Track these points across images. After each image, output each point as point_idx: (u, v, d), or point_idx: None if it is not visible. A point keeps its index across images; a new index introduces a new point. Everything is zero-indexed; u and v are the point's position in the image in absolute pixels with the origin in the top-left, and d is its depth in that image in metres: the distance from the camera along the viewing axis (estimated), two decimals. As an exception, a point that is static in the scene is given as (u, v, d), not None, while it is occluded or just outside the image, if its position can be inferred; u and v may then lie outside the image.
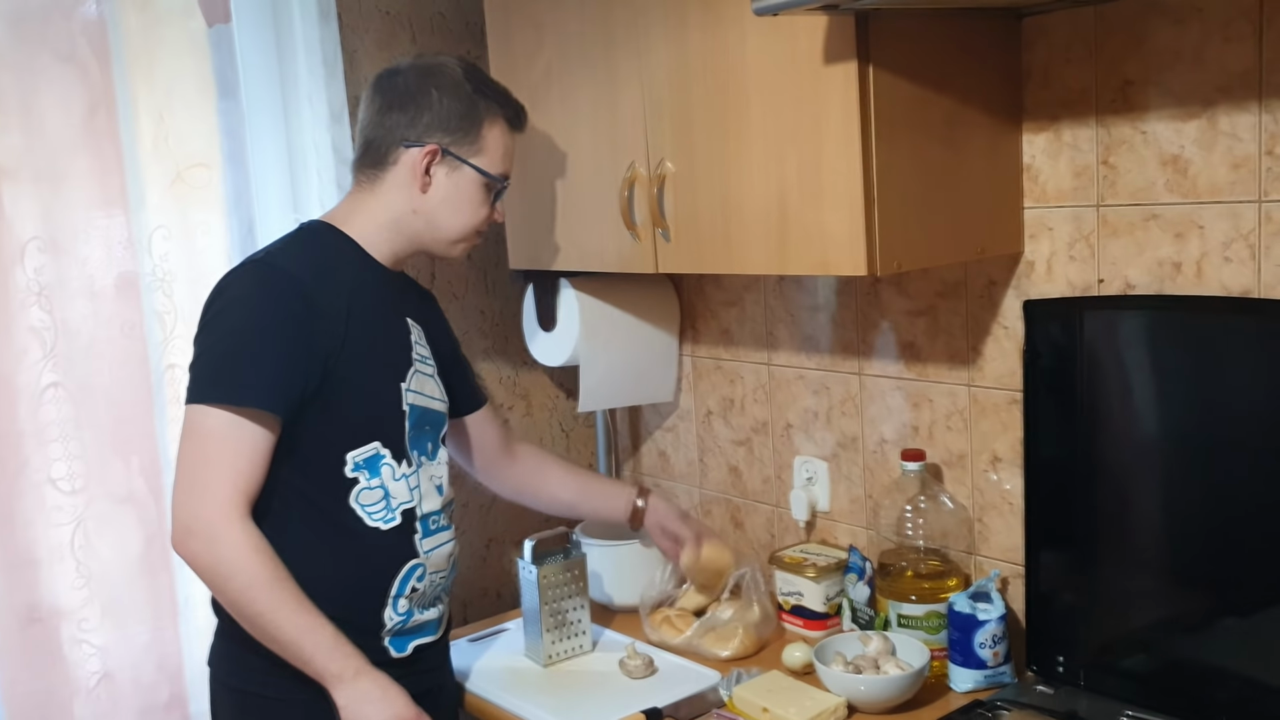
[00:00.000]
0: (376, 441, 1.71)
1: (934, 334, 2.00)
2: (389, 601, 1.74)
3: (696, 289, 2.43)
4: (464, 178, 1.78)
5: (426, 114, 1.76)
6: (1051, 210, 1.81)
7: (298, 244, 1.76)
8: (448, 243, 1.82)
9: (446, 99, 1.76)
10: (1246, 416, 1.59)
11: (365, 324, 1.72)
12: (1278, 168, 1.56)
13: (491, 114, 1.79)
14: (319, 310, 1.65)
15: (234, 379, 1.61)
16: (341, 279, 1.72)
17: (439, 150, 1.76)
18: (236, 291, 1.66)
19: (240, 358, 1.62)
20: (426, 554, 1.78)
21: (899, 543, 1.96)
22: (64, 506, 1.98)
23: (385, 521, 1.72)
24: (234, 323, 1.64)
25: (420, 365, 1.82)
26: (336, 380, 1.66)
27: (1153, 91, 1.67)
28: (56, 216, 1.95)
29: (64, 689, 2.00)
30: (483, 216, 1.82)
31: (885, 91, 1.61)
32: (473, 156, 1.78)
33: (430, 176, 1.77)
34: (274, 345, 1.62)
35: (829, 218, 1.66)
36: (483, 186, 1.80)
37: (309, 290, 1.66)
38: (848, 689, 1.78)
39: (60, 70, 1.94)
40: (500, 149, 1.80)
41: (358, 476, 1.70)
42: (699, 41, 1.81)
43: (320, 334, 1.65)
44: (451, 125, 1.76)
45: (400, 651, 1.76)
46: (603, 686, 1.97)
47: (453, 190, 1.78)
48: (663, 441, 2.58)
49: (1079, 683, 1.78)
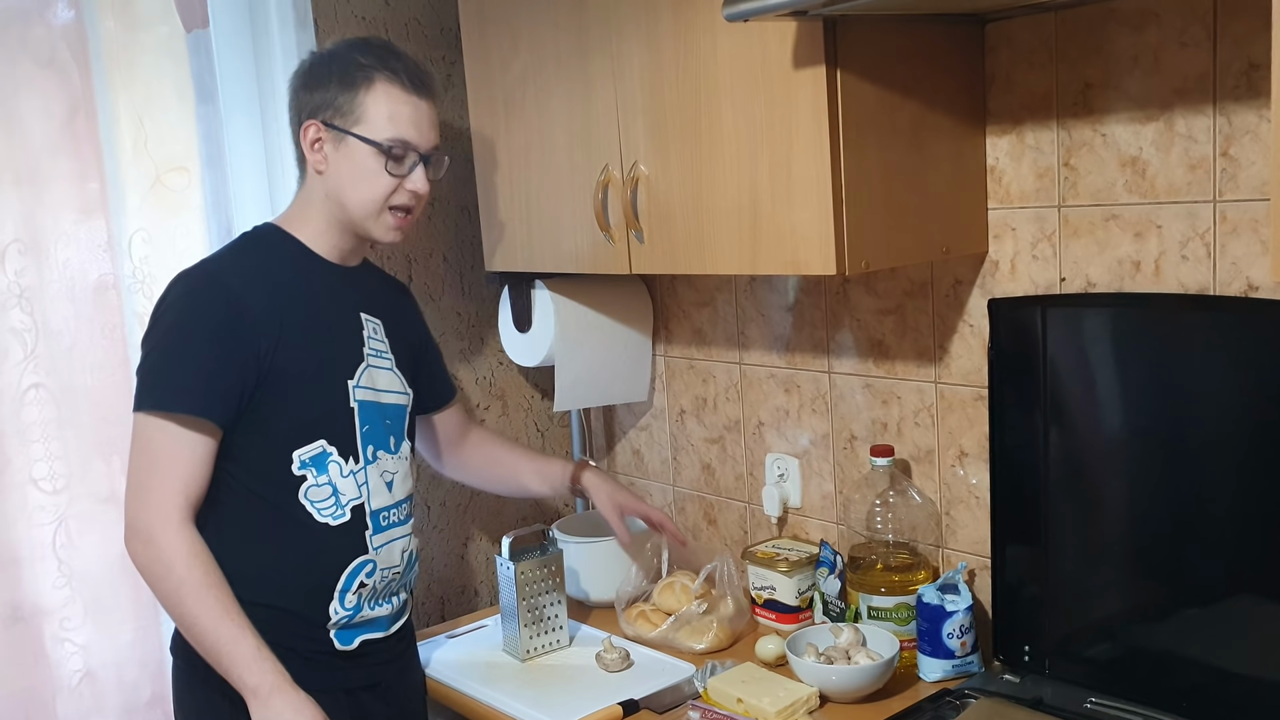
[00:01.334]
0: (322, 439, 1.73)
1: (902, 332, 2.04)
2: (335, 595, 1.75)
3: (669, 290, 2.47)
4: (351, 149, 1.73)
5: (309, 94, 1.75)
6: (1015, 211, 1.86)
7: (236, 250, 1.78)
8: (362, 220, 1.77)
9: (324, 73, 1.74)
10: (1203, 410, 1.63)
11: (305, 324, 1.72)
12: (1232, 169, 1.61)
13: (369, 77, 1.73)
14: (250, 314, 1.66)
15: (166, 386, 1.64)
16: (279, 281, 1.72)
17: (320, 125, 1.73)
18: (169, 300, 1.69)
19: (170, 365, 1.65)
20: (377, 550, 1.78)
21: (869, 537, 2.00)
22: (46, 506, 1.99)
23: (334, 518, 1.74)
24: (165, 330, 1.67)
25: (374, 360, 1.82)
26: (274, 381, 1.68)
27: (1112, 95, 1.71)
28: (37, 219, 1.96)
29: (46, 688, 2.01)
30: (383, 187, 1.74)
31: (853, 95, 1.65)
32: (353, 125, 1.72)
33: (323, 156, 1.74)
34: (202, 351, 1.65)
35: (799, 219, 1.70)
36: (373, 155, 1.73)
37: (238, 295, 1.67)
38: (820, 679, 1.81)
39: (40, 75, 1.95)
40: (384, 113, 1.73)
41: (305, 474, 1.71)
42: (671, 46, 1.84)
43: (252, 338, 1.66)
44: (329, 98, 1.73)
45: (345, 644, 1.77)
46: (580, 680, 2.00)
47: (344, 164, 1.74)
48: (637, 440, 2.61)
49: (1044, 671, 1.82)
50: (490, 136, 2.25)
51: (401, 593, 1.87)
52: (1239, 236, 1.61)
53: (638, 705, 1.87)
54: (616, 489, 2.16)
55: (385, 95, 1.73)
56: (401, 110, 1.74)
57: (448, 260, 2.45)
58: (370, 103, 1.72)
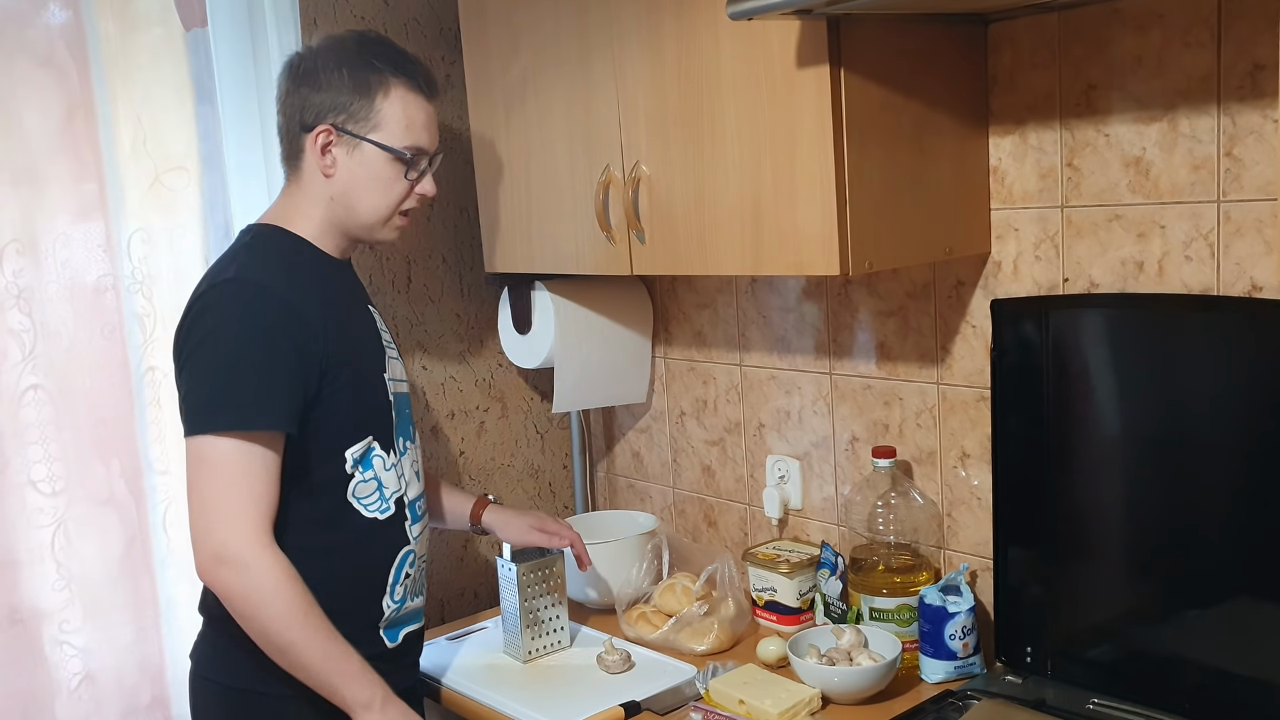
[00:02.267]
0: (370, 435, 1.72)
1: (904, 333, 2.04)
2: (387, 590, 1.76)
3: (669, 291, 2.46)
4: (366, 155, 1.70)
5: (317, 94, 1.69)
6: (1018, 211, 1.86)
7: (259, 254, 1.71)
8: (369, 227, 1.75)
9: (336, 75, 1.68)
10: (1207, 411, 1.63)
11: (341, 322, 1.71)
12: (1236, 169, 1.61)
13: (385, 83, 1.69)
14: (301, 317, 1.63)
15: (239, 404, 1.58)
16: (310, 281, 1.70)
17: (332, 130, 1.69)
18: (219, 315, 1.61)
19: (241, 382, 1.59)
20: (415, 539, 1.80)
21: (870, 538, 1.99)
22: (44, 508, 1.97)
23: (381, 512, 1.74)
24: (226, 347, 1.60)
25: (389, 351, 1.82)
26: (330, 382, 1.66)
27: (1115, 95, 1.71)
28: (35, 219, 1.95)
29: (45, 690, 2.00)
30: (398, 194, 1.73)
31: (857, 95, 1.65)
32: (370, 131, 1.69)
33: (332, 159, 1.70)
34: (270, 363, 1.60)
35: (802, 219, 1.70)
36: (390, 162, 1.71)
37: (288, 299, 1.64)
38: (822, 680, 1.81)
39: (38, 74, 1.95)
40: (401, 119, 1.70)
41: (354, 472, 1.71)
42: (674, 45, 1.84)
43: (309, 340, 1.63)
44: (342, 101, 1.68)
45: (393, 641, 1.79)
46: (581, 681, 2.00)
47: (357, 170, 1.70)
48: (636, 442, 2.61)
49: (1046, 672, 1.82)
50: (490, 137, 2.25)
51: (424, 580, 1.89)
52: (1243, 237, 1.61)
53: (639, 707, 1.87)
54: (520, 517, 2.10)
55: (402, 101, 1.70)
56: (418, 116, 1.72)
57: (447, 261, 2.45)
58: (388, 109, 1.69)
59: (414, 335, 2.41)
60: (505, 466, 2.59)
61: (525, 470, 2.62)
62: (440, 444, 2.46)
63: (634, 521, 2.42)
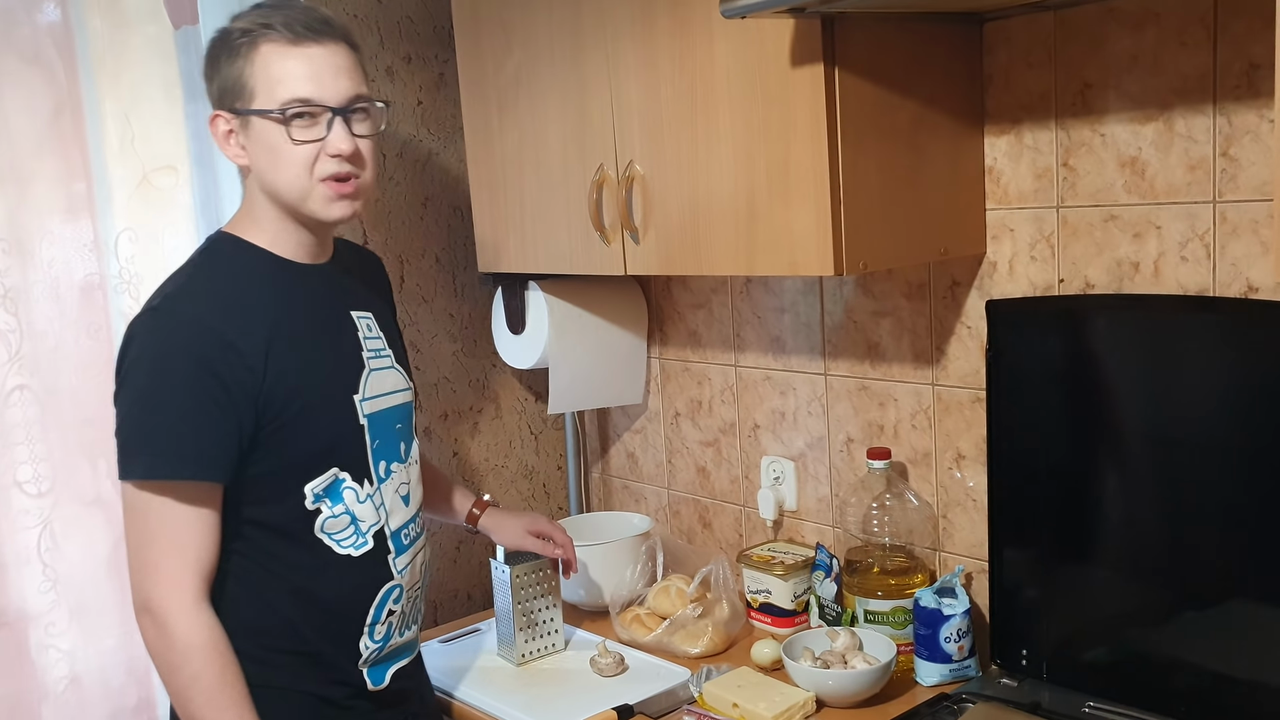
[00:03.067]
0: (334, 467, 1.58)
1: (899, 334, 2.03)
2: (365, 630, 1.63)
3: (664, 292, 2.45)
4: (255, 130, 1.53)
5: (210, 84, 1.57)
6: (1013, 211, 1.84)
7: (201, 274, 1.57)
8: (298, 203, 1.56)
9: (215, 56, 1.56)
10: (1203, 412, 1.63)
11: (294, 344, 1.56)
12: (1232, 169, 1.60)
13: (254, 46, 1.51)
14: (233, 347, 1.49)
15: (156, 452, 1.47)
16: (254, 301, 1.55)
17: (220, 115, 1.56)
18: (139, 348, 1.50)
19: (155, 427, 1.47)
20: (401, 572, 1.67)
21: (865, 540, 1.98)
22: (30, 509, 1.96)
23: (356, 548, 1.61)
24: (144, 387, 1.48)
25: (375, 361, 1.67)
26: (274, 417, 1.52)
27: (1111, 95, 1.70)
28: (21, 219, 1.93)
29: (32, 693, 1.98)
30: (301, 158, 1.53)
31: (851, 94, 1.64)
32: (250, 103, 1.52)
33: (238, 146, 1.56)
34: (192, 405, 1.47)
35: (796, 219, 1.68)
36: (274, 127, 1.52)
37: (218, 328, 1.50)
38: (816, 684, 1.80)
39: (25, 72, 1.93)
40: (268, 76, 1.51)
41: (319, 507, 1.57)
42: (667, 44, 1.82)
43: (241, 373, 1.49)
44: (224, 82, 1.54)
45: (378, 683, 1.67)
46: (575, 684, 1.99)
47: (257, 149, 1.54)
48: (631, 443, 2.59)
49: (1042, 675, 1.81)
50: (483, 135, 2.23)
51: (420, 606, 1.77)
52: (1239, 237, 1.60)
53: (633, 710, 1.85)
54: (516, 519, 2.04)
55: (265, 59, 1.51)
56: (288, 67, 1.51)
57: (440, 261, 2.43)
58: (256, 73, 1.51)
59: (407, 335, 2.39)
60: (499, 468, 2.57)
61: (519, 471, 2.61)
62: (434, 445, 2.44)
63: (628, 523, 2.41)
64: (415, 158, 2.38)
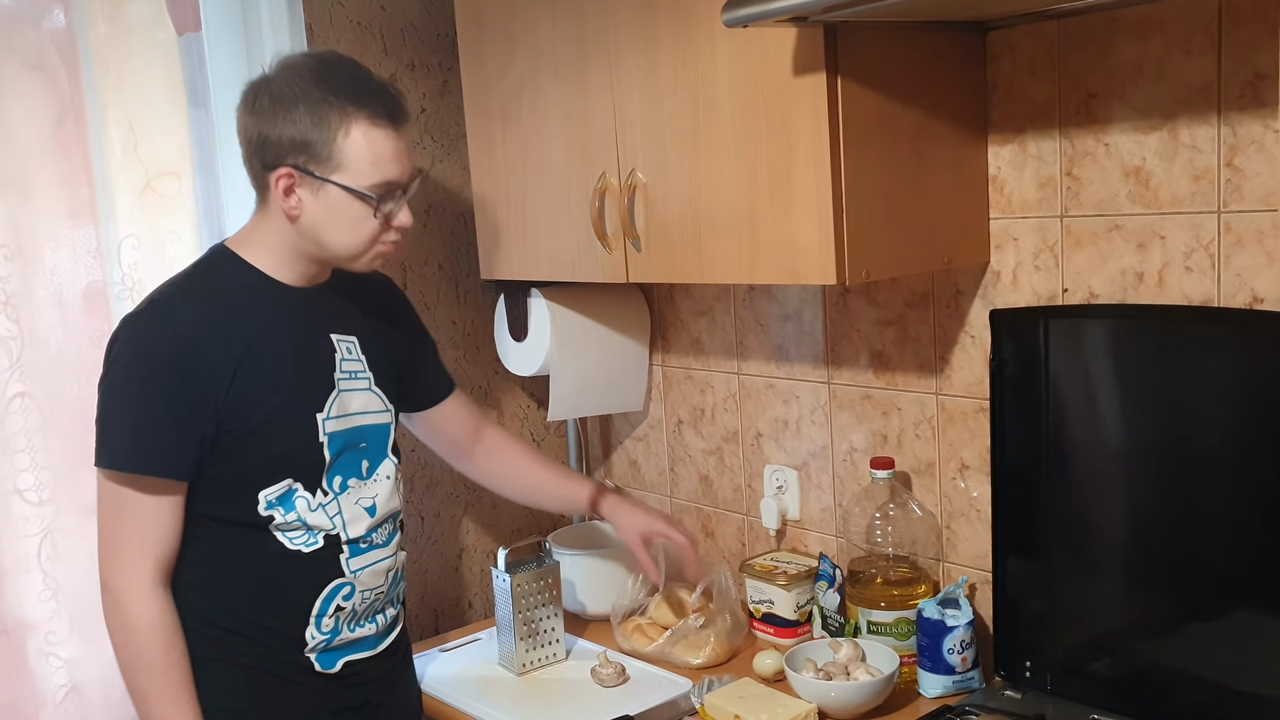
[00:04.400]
0: (288, 478, 1.66)
1: (902, 343, 2.02)
2: (311, 620, 1.70)
3: (667, 299, 2.44)
4: (331, 197, 1.60)
5: (275, 130, 1.58)
6: (1017, 221, 1.84)
7: (187, 284, 1.67)
8: (344, 260, 1.67)
9: (292, 110, 1.57)
10: (1208, 424, 1.62)
11: (264, 361, 1.63)
12: (1237, 179, 1.59)
13: (347, 118, 1.57)
14: (201, 357, 1.58)
15: (120, 445, 1.58)
16: (236, 318, 1.63)
17: (294, 172, 1.59)
18: (120, 347, 1.60)
19: (122, 423, 1.59)
20: (355, 573, 1.73)
21: (868, 550, 1.97)
22: (31, 517, 1.95)
23: (306, 545, 1.69)
24: (116, 383, 1.60)
25: (348, 383, 1.73)
26: (234, 426, 1.61)
27: (1115, 104, 1.69)
28: (23, 225, 1.93)
29: (31, 702, 1.98)
30: (371, 230, 1.63)
31: (854, 103, 1.63)
32: (333, 173, 1.58)
33: (297, 200, 1.61)
34: (153, 406, 1.58)
35: (799, 228, 1.68)
36: (357, 202, 1.60)
37: (188, 340, 1.58)
38: (818, 695, 1.79)
39: (28, 78, 1.93)
40: (366, 157, 1.58)
41: (272, 514, 1.66)
42: (670, 53, 1.82)
43: (206, 384, 1.58)
44: (301, 141, 1.57)
45: (328, 667, 1.73)
46: (576, 695, 1.98)
47: (323, 211, 1.61)
48: (633, 451, 2.59)
49: (1046, 687, 1.80)
50: (486, 144, 2.23)
51: (389, 609, 1.82)
52: (1244, 248, 1.60)
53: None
54: (638, 515, 2.04)
55: (366, 138, 1.58)
56: (384, 150, 1.60)
57: (443, 268, 2.43)
58: (350, 148, 1.58)
59: (408, 343, 2.39)
60: (500, 475, 2.56)
61: (520, 479, 2.60)
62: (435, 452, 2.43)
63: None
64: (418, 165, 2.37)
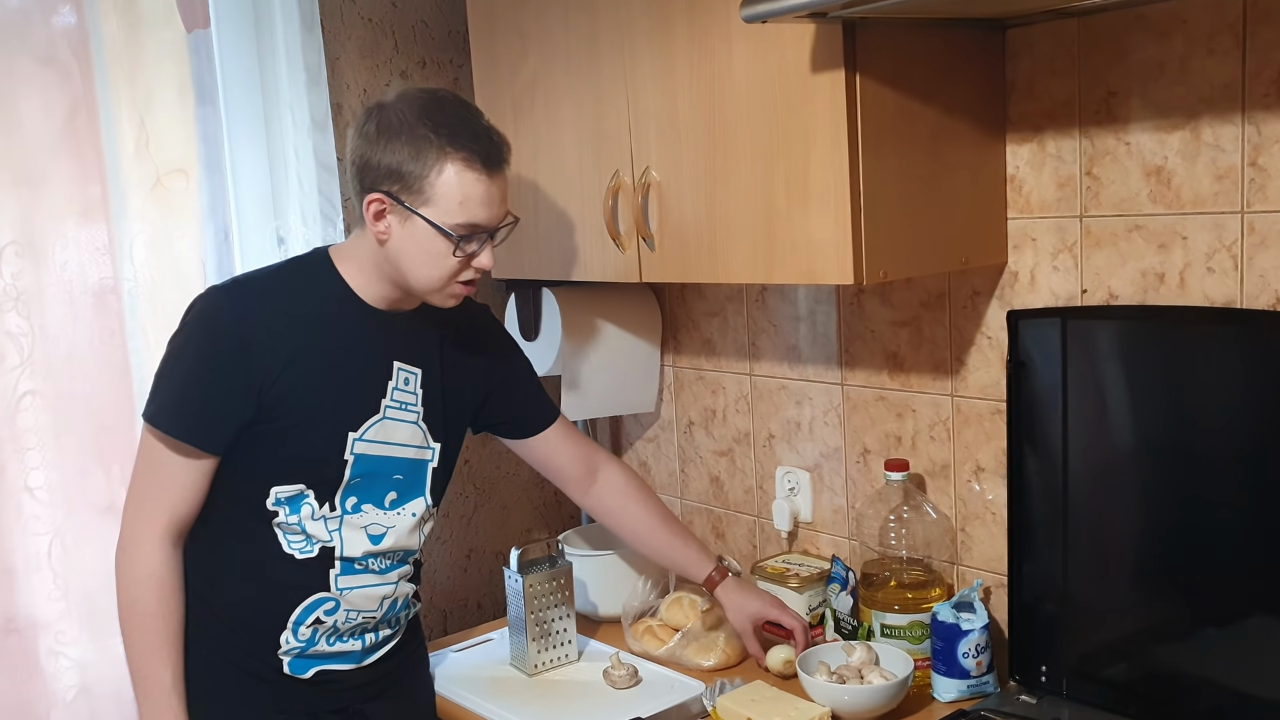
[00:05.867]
0: (302, 483, 1.70)
1: (917, 344, 2.00)
2: (288, 626, 1.73)
3: (679, 299, 2.43)
4: (417, 229, 1.63)
5: (376, 156, 1.62)
6: (1035, 221, 1.82)
7: (275, 274, 1.75)
8: (422, 293, 1.70)
9: (395, 140, 1.61)
10: (1228, 427, 1.60)
11: (316, 367, 1.68)
12: (1261, 179, 1.57)
13: (443, 157, 1.60)
14: (254, 346, 1.64)
15: (166, 407, 1.65)
16: (302, 318, 1.68)
17: (385, 199, 1.62)
18: (193, 315, 1.67)
19: (172, 386, 1.65)
20: (342, 591, 1.74)
21: (882, 553, 1.96)
22: (41, 516, 1.95)
23: (301, 552, 1.72)
24: (176, 347, 1.67)
25: (394, 412, 1.75)
26: (269, 418, 1.66)
27: (1136, 103, 1.68)
28: (35, 221, 1.92)
29: (41, 702, 1.97)
30: (449, 268, 1.65)
31: (872, 101, 1.62)
32: (421, 206, 1.61)
33: (386, 225, 1.64)
34: (201, 378, 1.64)
35: (815, 227, 1.66)
36: (439, 238, 1.62)
37: (250, 324, 1.64)
38: (832, 699, 1.77)
39: (40, 73, 1.92)
40: (455, 196, 1.61)
41: (278, 510, 1.70)
42: (685, 49, 1.80)
43: (253, 369, 1.63)
44: (398, 171, 1.61)
45: (299, 673, 1.76)
46: (587, 696, 1.96)
47: (408, 241, 1.64)
48: (644, 452, 2.57)
49: (1061, 692, 1.79)
50: (498, 141, 2.22)
51: (382, 630, 1.83)
52: (1267, 248, 1.58)
53: (645, 724, 1.83)
54: (751, 600, 1.99)
55: (458, 178, 1.60)
56: (474, 193, 1.62)
57: (453, 267, 2.41)
58: (441, 185, 1.60)
59: (419, 342, 2.37)
60: (510, 475, 2.55)
61: (531, 479, 2.59)
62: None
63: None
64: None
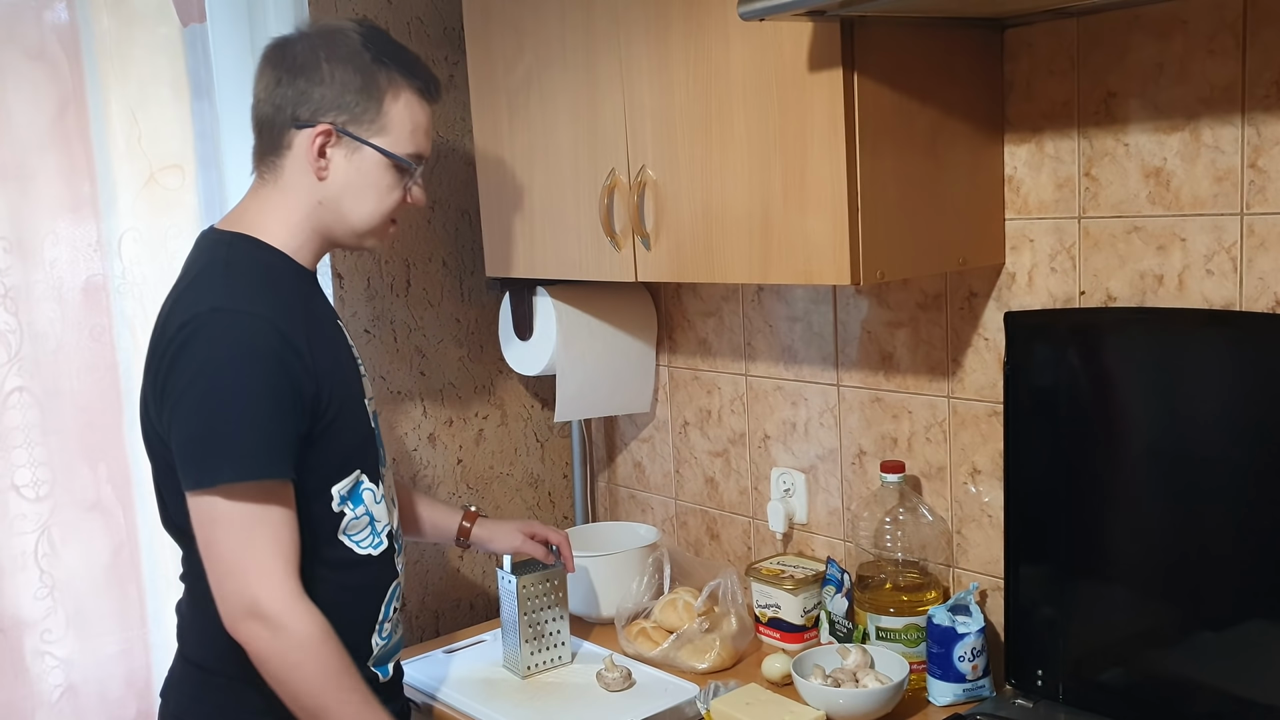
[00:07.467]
0: (357, 469, 1.62)
1: (914, 345, 1.99)
2: (377, 627, 1.67)
3: (674, 299, 2.42)
4: (366, 160, 1.58)
5: (318, 88, 1.55)
6: (1033, 222, 1.81)
7: (243, 275, 1.55)
8: (356, 235, 1.63)
9: (340, 70, 1.56)
10: (1226, 430, 1.59)
11: (323, 349, 1.58)
12: (1260, 181, 1.56)
13: (395, 85, 1.58)
14: (296, 349, 1.51)
15: (244, 453, 1.46)
16: (293, 303, 1.57)
17: (333, 130, 1.56)
18: (211, 350, 1.47)
19: (243, 428, 1.46)
20: (400, 570, 1.73)
21: (877, 555, 1.95)
22: (28, 514, 1.93)
23: (374, 547, 1.65)
24: (224, 388, 1.46)
25: (362, 367, 1.70)
26: (320, 419, 1.55)
27: (1135, 104, 1.67)
28: (23, 217, 1.91)
29: (26, 702, 1.95)
30: (392, 201, 1.62)
31: (870, 100, 1.61)
32: (374, 135, 1.58)
33: (327, 160, 1.57)
34: (269, 405, 1.48)
35: (812, 227, 1.65)
36: (390, 169, 1.60)
37: (282, 329, 1.50)
38: (826, 702, 1.76)
39: (29, 68, 1.90)
40: (407, 124, 1.60)
41: (343, 510, 1.60)
42: (682, 46, 1.79)
43: (302, 375, 1.51)
44: (347, 100, 1.56)
45: (386, 676, 1.71)
46: (581, 699, 1.95)
47: (354, 175, 1.58)
48: (639, 452, 2.56)
49: (1058, 696, 1.78)
50: (493, 138, 2.20)
51: None
52: (1267, 251, 1.57)
53: (639, 727, 1.82)
54: (508, 525, 2.03)
55: (409, 106, 1.60)
56: (423, 122, 1.63)
57: (447, 265, 2.40)
58: (395, 113, 1.59)
59: (412, 340, 2.36)
60: (504, 475, 2.54)
61: (524, 479, 2.57)
62: (437, 452, 2.41)
63: (635, 534, 2.37)
64: None
